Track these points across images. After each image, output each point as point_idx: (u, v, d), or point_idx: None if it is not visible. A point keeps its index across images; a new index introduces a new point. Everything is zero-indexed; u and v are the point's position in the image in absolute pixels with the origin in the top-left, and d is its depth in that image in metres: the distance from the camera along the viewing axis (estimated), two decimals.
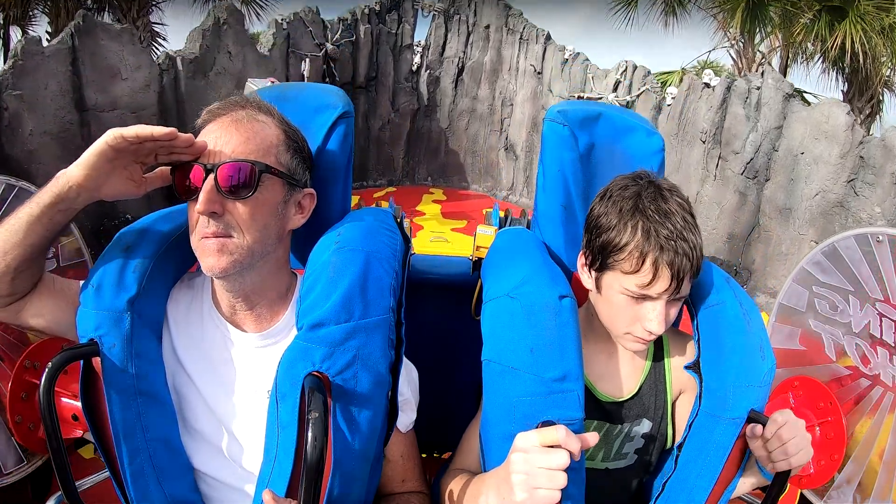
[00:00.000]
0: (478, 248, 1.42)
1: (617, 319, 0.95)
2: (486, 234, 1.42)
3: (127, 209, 4.38)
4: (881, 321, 1.10)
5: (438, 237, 2.31)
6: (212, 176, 0.83)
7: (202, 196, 0.82)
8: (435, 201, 2.90)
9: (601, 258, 0.93)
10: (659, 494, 0.93)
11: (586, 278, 1.00)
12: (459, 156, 2.97)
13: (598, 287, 0.97)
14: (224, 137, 0.86)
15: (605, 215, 0.93)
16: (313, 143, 1.02)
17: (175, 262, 0.95)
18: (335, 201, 1.08)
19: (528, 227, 1.28)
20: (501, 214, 1.53)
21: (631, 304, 0.91)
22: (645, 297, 0.90)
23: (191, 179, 0.85)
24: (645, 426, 1.04)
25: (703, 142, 4.36)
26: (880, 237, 1.11)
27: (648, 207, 0.89)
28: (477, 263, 1.38)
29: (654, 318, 0.90)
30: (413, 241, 1.87)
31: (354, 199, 2.47)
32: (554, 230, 1.12)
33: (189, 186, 0.85)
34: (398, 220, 1.08)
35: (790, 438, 0.84)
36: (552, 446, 0.73)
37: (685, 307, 1.04)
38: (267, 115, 0.91)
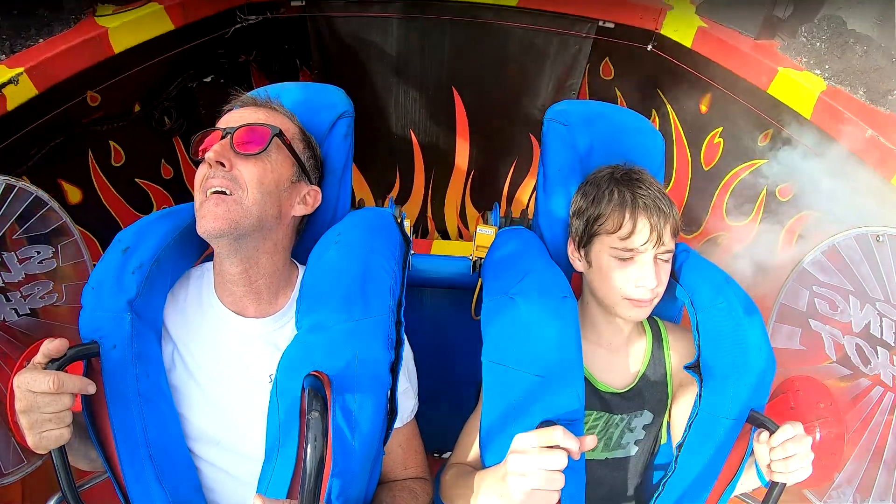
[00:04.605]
0: (478, 247, 1.41)
1: (612, 284, 0.96)
2: (486, 234, 1.42)
3: None
4: (881, 321, 1.10)
5: None
6: (229, 136, 0.89)
7: (215, 146, 0.87)
8: None
9: (587, 232, 0.99)
10: (659, 494, 0.93)
11: (577, 261, 1.04)
12: None
13: (589, 261, 1.00)
14: (246, 113, 0.94)
15: (585, 197, 1.01)
16: None
17: (174, 262, 0.95)
18: (335, 201, 1.08)
19: (528, 226, 1.28)
20: (501, 215, 1.53)
21: (622, 265, 0.95)
22: (632, 253, 0.95)
23: (207, 141, 0.91)
24: (646, 418, 1.04)
25: None
26: (880, 237, 1.11)
27: (621, 179, 0.99)
28: (477, 263, 1.38)
29: (645, 273, 0.94)
30: None
31: None
32: (554, 230, 1.12)
33: (205, 148, 0.89)
34: (398, 220, 1.09)
35: (794, 453, 0.85)
36: (551, 447, 0.73)
37: (685, 308, 1.04)
38: (287, 113, 1.00)
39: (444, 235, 2.47)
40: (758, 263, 1.49)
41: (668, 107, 1.88)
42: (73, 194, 1.49)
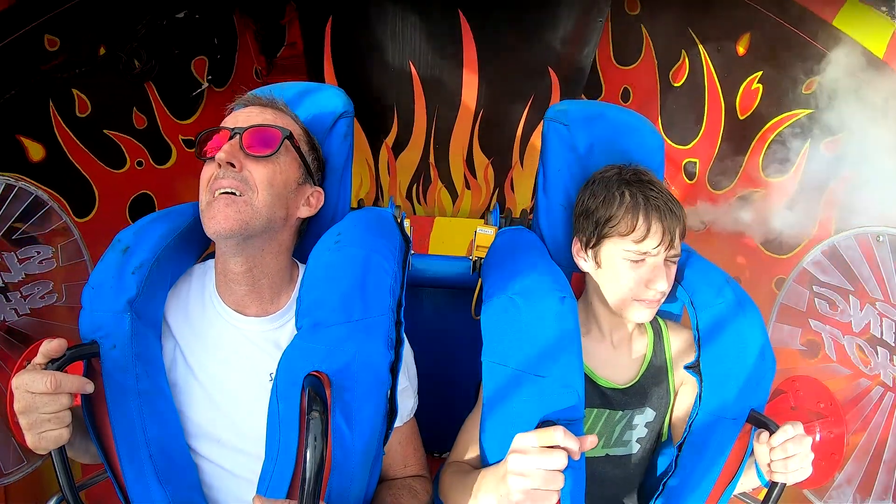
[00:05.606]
0: (478, 247, 1.41)
1: (623, 287, 0.97)
2: (486, 233, 1.42)
3: None
4: (881, 321, 1.10)
5: None
6: (238, 136, 0.89)
7: (225, 147, 0.87)
8: None
9: (597, 233, 0.98)
10: (659, 494, 0.94)
11: (583, 262, 1.03)
12: None
13: (598, 263, 1.00)
14: (254, 113, 0.94)
15: (593, 196, 1.01)
16: None
17: (174, 262, 0.95)
18: (335, 201, 1.08)
19: (528, 226, 1.28)
20: (502, 215, 1.53)
21: (633, 268, 0.96)
22: (645, 256, 0.95)
23: (215, 140, 0.90)
24: (648, 415, 1.04)
25: None
26: (880, 237, 1.11)
27: (631, 180, 0.99)
28: (477, 263, 1.38)
29: (656, 276, 0.94)
30: None
31: None
32: (554, 230, 1.12)
33: (213, 147, 0.89)
34: (398, 220, 1.09)
35: (794, 454, 0.85)
36: (551, 447, 0.73)
37: (685, 308, 1.04)
38: (292, 114, 1.00)
39: (450, 185, 2.17)
40: (794, 226, 1.36)
41: (700, 47, 1.68)
42: (35, 151, 1.31)
